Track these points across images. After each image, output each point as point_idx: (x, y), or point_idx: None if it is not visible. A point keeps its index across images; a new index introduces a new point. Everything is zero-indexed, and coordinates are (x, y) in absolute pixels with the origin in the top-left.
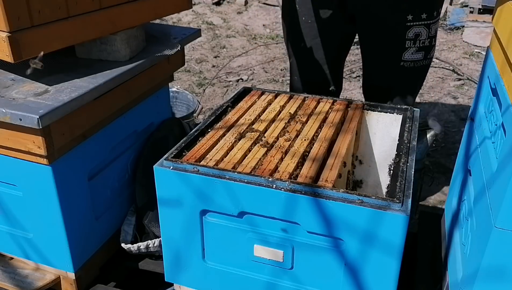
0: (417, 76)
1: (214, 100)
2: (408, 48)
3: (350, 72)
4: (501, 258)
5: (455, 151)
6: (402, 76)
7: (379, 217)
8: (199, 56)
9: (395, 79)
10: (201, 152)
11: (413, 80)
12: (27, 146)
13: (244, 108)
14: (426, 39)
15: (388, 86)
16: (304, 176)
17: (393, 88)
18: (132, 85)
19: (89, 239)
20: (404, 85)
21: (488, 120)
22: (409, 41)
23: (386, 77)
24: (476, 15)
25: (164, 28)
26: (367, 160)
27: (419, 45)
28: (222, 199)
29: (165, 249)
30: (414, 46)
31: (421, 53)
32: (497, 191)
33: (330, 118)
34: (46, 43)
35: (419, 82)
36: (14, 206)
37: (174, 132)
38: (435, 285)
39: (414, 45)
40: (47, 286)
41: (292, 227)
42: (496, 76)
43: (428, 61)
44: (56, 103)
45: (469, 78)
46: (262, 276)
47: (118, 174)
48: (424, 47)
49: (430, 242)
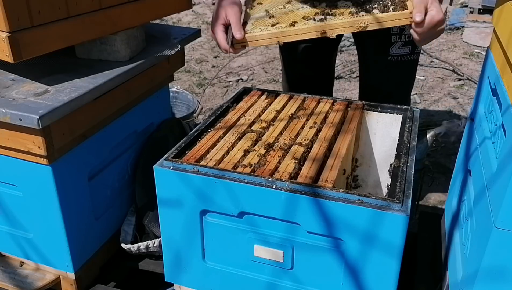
0: (405, 71)
1: (214, 100)
2: (394, 43)
3: (350, 72)
4: (501, 258)
5: (455, 151)
6: (391, 71)
7: (379, 217)
8: (199, 56)
9: (384, 74)
10: (201, 152)
11: (402, 75)
12: (27, 146)
13: (244, 108)
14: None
15: (379, 82)
16: (304, 176)
17: (383, 84)
18: (132, 85)
19: (89, 239)
20: (394, 81)
21: (488, 120)
22: (394, 35)
23: (376, 73)
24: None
25: (164, 28)
26: (367, 160)
27: (405, 39)
28: (222, 199)
29: (165, 249)
30: (400, 40)
31: (408, 48)
32: (497, 191)
33: (330, 118)
34: (46, 43)
35: (409, 78)
36: (14, 206)
37: (174, 132)
38: (435, 285)
39: (400, 40)
40: (47, 286)
41: (292, 227)
42: (496, 76)
43: (416, 56)
44: (56, 103)
45: (469, 78)
46: (262, 276)
47: (118, 174)
48: (410, 41)
49: (430, 242)
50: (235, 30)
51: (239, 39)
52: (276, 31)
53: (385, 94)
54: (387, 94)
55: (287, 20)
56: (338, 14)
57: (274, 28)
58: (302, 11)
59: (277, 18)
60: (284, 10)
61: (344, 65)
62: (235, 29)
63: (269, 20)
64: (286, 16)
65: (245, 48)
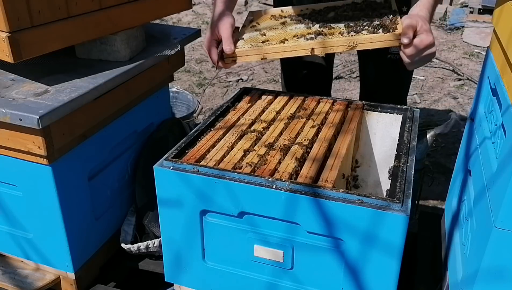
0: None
1: (214, 100)
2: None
3: (350, 72)
4: (501, 258)
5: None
6: (390, 69)
7: (379, 217)
8: (199, 56)
9: (384, 72)
10: (201, 152)
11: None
12: (27, 146)
13: (244, 108)
14: None
15: (378, 81)
16: (304, 176)
17: (382, 82)
18: (132, 85)
19: (89, 239)
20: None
21: (488, 120)
22: None
23: (375, 71)
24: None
25: (164, 28)
26: (367, 160)
27: None
28: (222, 199)
29: (165, 249)
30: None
31: None
32: (497, 191)
33: (330, 118)
34: (46, 43)
35: (406, 76)
36: (14, 206)
37: (174, 132)
38: (435, 285)
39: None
40: (47, 286)
41: (292, 227)
42: (496, 76)
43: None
44: (56, 103)
45: (469, 78)
46: (262, 276)
47: (118, 174)
48: None
49: (430, 242)
50: (225, 44)
51: (228, 53)
52: (266, 47)
53: (385, 92)
54: (387, 93)
55: (278, 38)
56: (328, 34)
57: (264, 44)
58: (294, 31)
59: (269, 37)
60: (278, 31)
61: (344, 65)
62: (225, 44)
63: (261, 38)
64: (278, 35)
65: (236, 63)
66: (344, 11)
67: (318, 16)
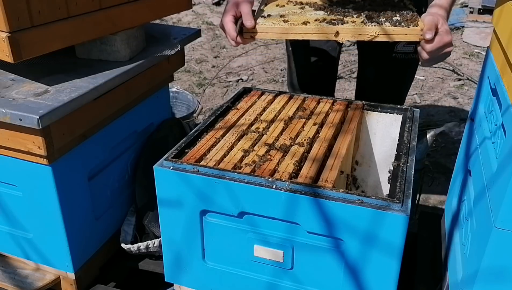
0: (407, 69)
1: (214, 100)
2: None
3: (350, 72)
4: (501, 258)
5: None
6: (394, 68)
7: (379, 217)
8: (199, 56)
9: (387, 70)
10: (201, 152)
11: (403, 72)
12: (27, 146)
13: (244, 108)
14: None
15: (379, 78)
16: (304, 176)
17: (384, 80)
18: (132, 85)
19: (89, 239)
20: (395, 78)
21: (488, 120)
22: None
23: (378, 69)
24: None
25: (164, 28)
26: (367, 160)
27: None
28: (222, 199)
29: (165, 249)
30: None
31: (412, 46)
32: (497, 191)
33: (330, 118)
34: (46, 43)
35: (409, 76)
36: (14, 206)
37: (174, 132)
38: (435, 285)
39: None
40: (47, 286)
41: (292, 227)
42: (496, 76)
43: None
44: (56, 103)
45: (469, 78)
46: (262, 276)
47: (118, 174)
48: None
49: (430, 242)
50: (246, 19)
51: (249, 27)
52: (287, 26)
53: (385, 92)
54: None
55: (299, 20)
56: (350, 21)
57: (286, 24)
58: (315, 16)
59: (289, 19)
60: (297, 15)
61: (344, 65)
62: (245, 18)
63: (281, 18)
64: (299, 18)
65: (254, 39)
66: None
67: (338, 6)
